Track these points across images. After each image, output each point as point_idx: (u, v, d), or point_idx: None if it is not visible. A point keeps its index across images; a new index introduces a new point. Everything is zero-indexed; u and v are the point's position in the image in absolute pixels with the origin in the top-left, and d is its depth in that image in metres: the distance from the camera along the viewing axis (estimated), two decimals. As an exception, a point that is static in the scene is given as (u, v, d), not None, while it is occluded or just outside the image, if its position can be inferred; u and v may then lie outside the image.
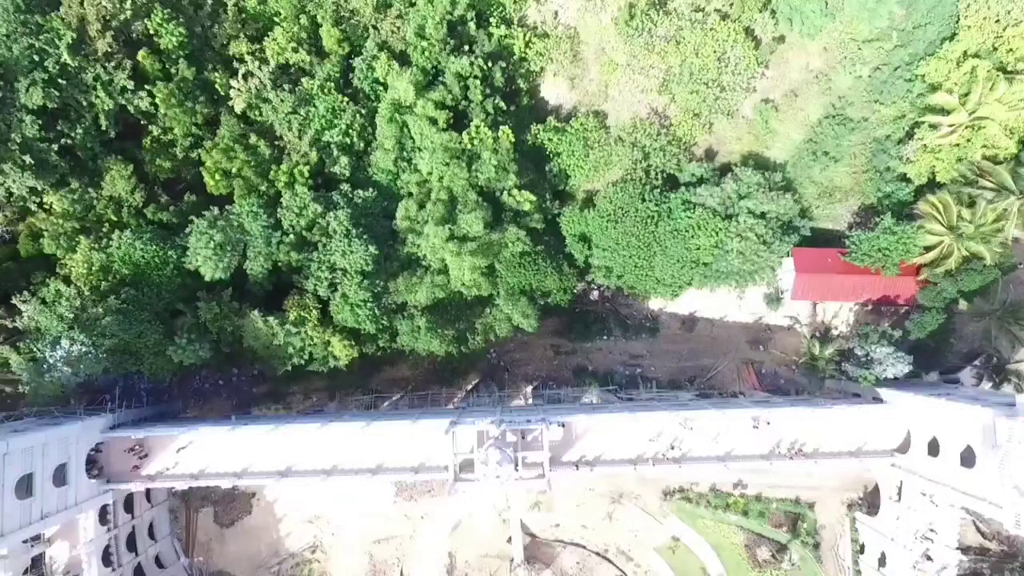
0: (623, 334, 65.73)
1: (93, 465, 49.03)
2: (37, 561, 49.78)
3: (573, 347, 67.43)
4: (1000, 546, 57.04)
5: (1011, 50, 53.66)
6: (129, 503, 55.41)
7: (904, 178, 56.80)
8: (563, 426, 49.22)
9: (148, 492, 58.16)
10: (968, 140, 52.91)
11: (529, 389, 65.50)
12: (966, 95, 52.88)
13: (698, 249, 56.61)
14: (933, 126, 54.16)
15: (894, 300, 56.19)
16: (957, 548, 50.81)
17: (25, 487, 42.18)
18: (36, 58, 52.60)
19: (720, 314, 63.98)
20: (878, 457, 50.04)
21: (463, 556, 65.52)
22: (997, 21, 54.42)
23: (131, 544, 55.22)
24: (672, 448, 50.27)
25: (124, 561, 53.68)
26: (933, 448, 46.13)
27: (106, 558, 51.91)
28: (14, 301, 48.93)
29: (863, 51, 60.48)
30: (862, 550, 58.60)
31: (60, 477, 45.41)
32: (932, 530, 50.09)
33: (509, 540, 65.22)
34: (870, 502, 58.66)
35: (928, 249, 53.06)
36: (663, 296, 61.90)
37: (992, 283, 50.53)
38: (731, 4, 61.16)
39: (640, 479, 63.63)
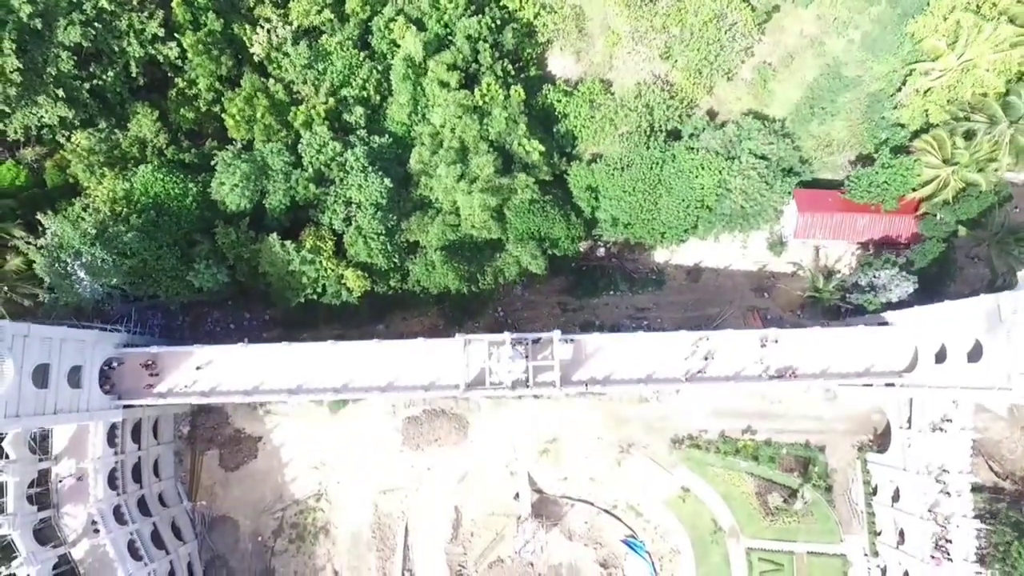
0: (629, 288, 66.67)
1: (106, 381, 49.20)
2: (44, 478, 49.35)
3: (580, 304, 68.06)
4: (1014, 485, 56.51)
5: (994, 4, 56.88)
6: (136, 433, 55.25)
7: (899, 125, 59.13)
8: (572, 341, 49.78)
9: (155, 427, 58.07)
10: (958, 82, 55.54)
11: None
12: (954, 42, 55.85)
13: (702, 188, 58.47)
14: (924, 73, 56.90)
15: (895, 239, 57.59)
16: (969, 472, 50.52)
17: (42, 378, 42.46)
18: (75, 0, 55.70)
19: (724, 263, 65.17)
20: (886, 377, 50.26)
21: (469, 513, 64.44)
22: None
23: (136, 475, 54.71)
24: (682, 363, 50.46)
25: (129, 489, 53.08)
26: (940, 357, 46.61)
27: (111, 481, 51.47)
28: (38, 217, 50.23)
29: (854, 16, 63.91)
30: (875, 492, 57.93)
31: (75, 380, 45.72)
32: (943, 462, 49.92)
33: (516, 496, 64.25)
34: (880, 444, 58.37)
35: (925, 184, 54.84)
36: (670, 242, 63.28)
37: (989, 208, 52.12)
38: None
39: (648, 427, 63.53)
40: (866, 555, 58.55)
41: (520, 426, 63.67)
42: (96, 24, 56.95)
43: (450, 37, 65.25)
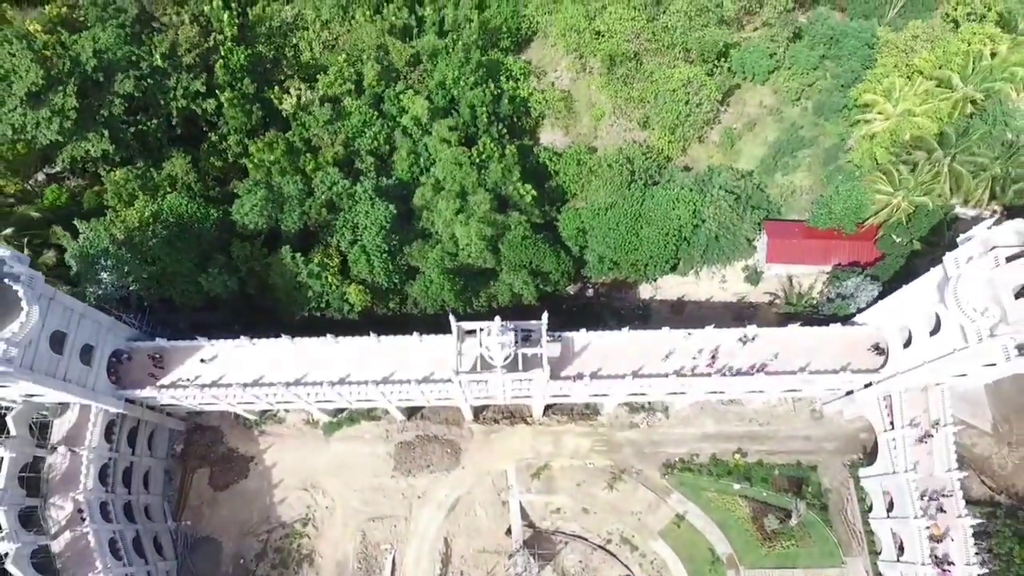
0: (617, 322, 69.74)
1: (113, 372, 51.28)
2: (37, 467, 49.80)
3: (571, 339, 70.85)
4: (1010, 499, 55.99)
5: (920, 72, 66.49)
6: (132, 438, 56.00)
7: (852, 164, 66.25)
8: (559, 339, 52.56)
9: (151, 440, 58.73)
10: (898, 127, 63.35)
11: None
12: (889, 98, 64.59)
13: (679, 219, 64.06)
14: (868, 122, 65.11)
15: (859, 261, 62.01)
16: (957, 468, 50.87)
17: (58, 345, 45.02)
18: (134, 59, 65.20)
19: (706, 296, 69.05)
20: (863, 375, 52.32)
21: (459, 547, 62.79)
22: (904, 52, 68.25)
23: (126, 480, 54.69)
24: (666, 361, 52.72)
25: (118, 490, 52.96)
26: (907, 342, 49.23)
27: (103, 477, 51.63)
28: (75, 223, 55.34)
29: (805, 88, 73.90)
30: (870, 509, 57.14)
31: (86, 358, 48.05)
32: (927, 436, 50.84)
33: (508, 532, 62.93)
34: (871, 460, 58.48)
35: (881, 210, 60.60)
36: (653, 274, 67.70)
37: (939, 224, 57.24)
38: (691, 59, 75.80)
39: (640, 453, 63.84)
40: (869, 577, 56.38)
41: (512, 453, 63.84)
42: (149, 80, 66.02)
43: (454, 106, 74.62)
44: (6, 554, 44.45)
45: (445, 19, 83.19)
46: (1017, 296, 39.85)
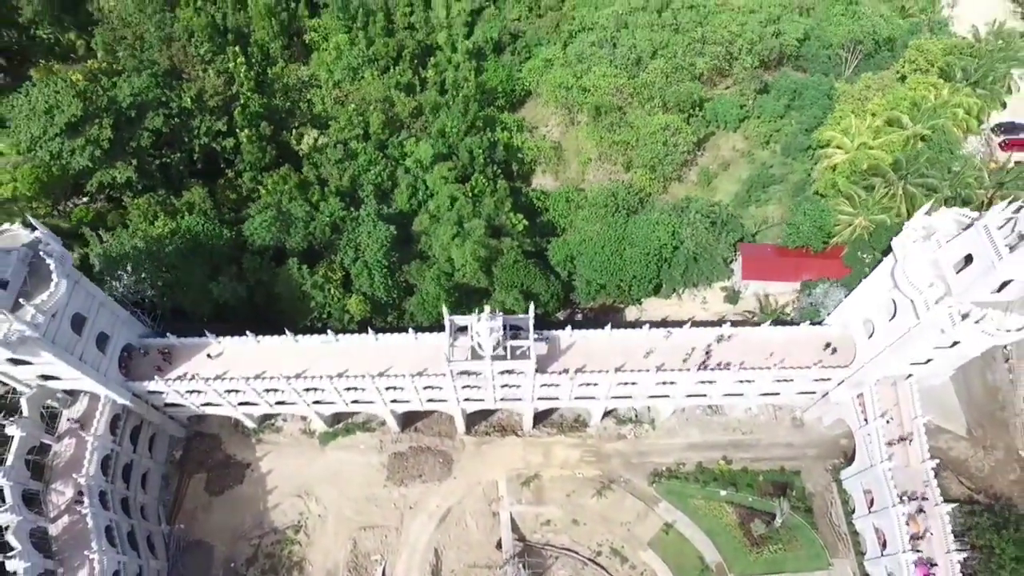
0: (606, 346, 73.18)
1: (123, 365, 54.27)
2: (43, 452, 51.75)
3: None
4: (988, 498, 57.17)
5: (873, 114, 73.71)
6: (135, 437, 57.99)
7: (816, 194, 71.94)
8: (546, 339, 55.93)
9: (151, 443, 60.60)
10: (855, 159, 69.57)
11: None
12: (847, 135, 71.41)
13: (659, 240, 68.90)
14: (829, 156, 71.53)
15: (828, 276, 66.09)
16: (931, 458, 52.80)
17: (78, 327, 48.46)
18: (164, 100, 72.48)
19: (688, 317, 72.24)
20: (834, 372, 55.26)
21: (449, 561, 62.91)
22: (859, 100, 75.87)
23: (125, 477, 56.18)
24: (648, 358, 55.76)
25: (117, 484, 54.45)
26: (872, 334, 52.60)
27: (104, 467, 53.32)
28: (99, 232, 60.09)
29: (772, 133, 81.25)
30: (853, 511, 58.14)
31: (101, 345, 51.24)
32: (904, 439, 52.89)
33: (498, 545, 63.38)
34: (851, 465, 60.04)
35: (844, 229, 65.65)
36: (638, 295, 71.69)
37: (898, 238, 62.01)
38: (669, 109, 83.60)
39: (627, 463, 65.31)
40: (857, 579, 56.53)
41: (503, 464, 65.24)
42: (176, 118, 73.01)
43: (453, 152, 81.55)
44: (7, 527, 45.66)
45: (446, 80, 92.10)
46: (958, 272, 43.77)
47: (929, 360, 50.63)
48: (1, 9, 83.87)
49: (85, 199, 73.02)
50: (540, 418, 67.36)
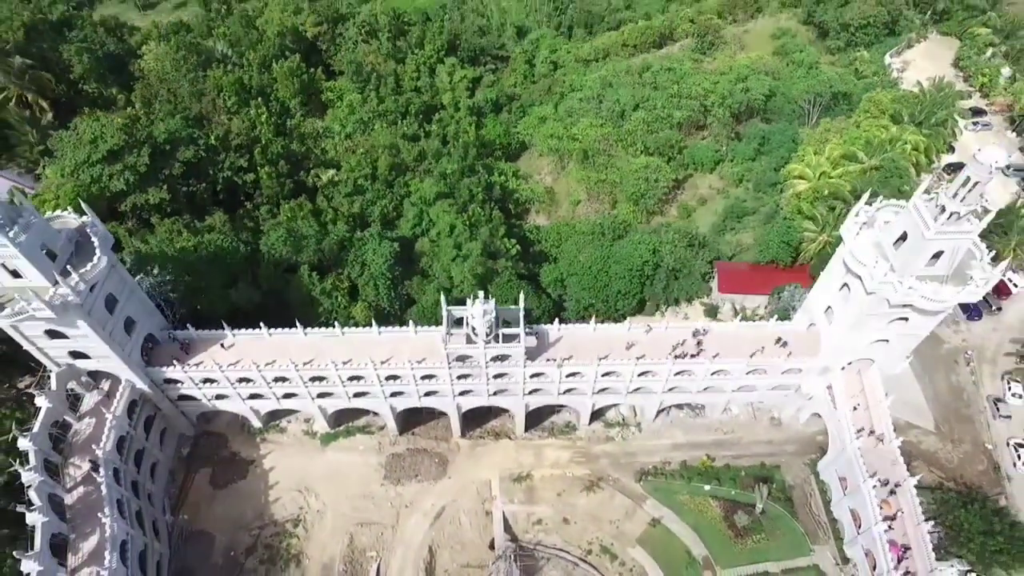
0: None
1: (145, 353, 58.88)
2: (64, 433, 55.38)
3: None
4: (957, 485, 59.77)
5: (832, 151, 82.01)
6: (148, 426, 61.54)
7: (785, 219, 78.74)
8: (536, 334, 60.64)
9: (162, 436, 64.01)
10: (817, 187, 76.90)
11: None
12: (810, 166, 79.28)
13: (641, 257, 74.92)
14: (795, 185, 79.04)
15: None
16: (897, 438, 56.22)
17: (111, 307, 53.64)
18: (194, 137, 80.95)
19: (671, 332, 77.17)
20: (804, 363, 59.66)
21: (443, 560, 64.35)
22: (820, 142, 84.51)
23: (137, 460, 59.31)
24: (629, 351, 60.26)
25: (129, 464, 57.58)
26: (832, 320, 57.46)
27: (119, 448, 56.68)
28: (133, 240, 66.28)
29: (744, 173, 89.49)
30: (831, 501, 60.52)
31: (128, 329, 56.18)
32: (873, 433, 56.64)
33: (491, 546, 65.10)
34: (828, 459, 62.95)
35: (810, 244, 71.93)
36: (624, 308, 76.70)
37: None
38: (651, 153, 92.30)
39: (616, 463, 68.01)
40: (837, 564, 58.08)
41: (496, 464, 67.93)
42: (204, 153, 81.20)
43: (454, 191, 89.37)
44: (30, 485, 48.74)
45: (448, 133, 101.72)
46: (897, 248, 49.42)
47: (886, 340, 55.20)
48: (56, 67, 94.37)
49: (115, 221, 79.57)
50: (532, 423, 70.53)
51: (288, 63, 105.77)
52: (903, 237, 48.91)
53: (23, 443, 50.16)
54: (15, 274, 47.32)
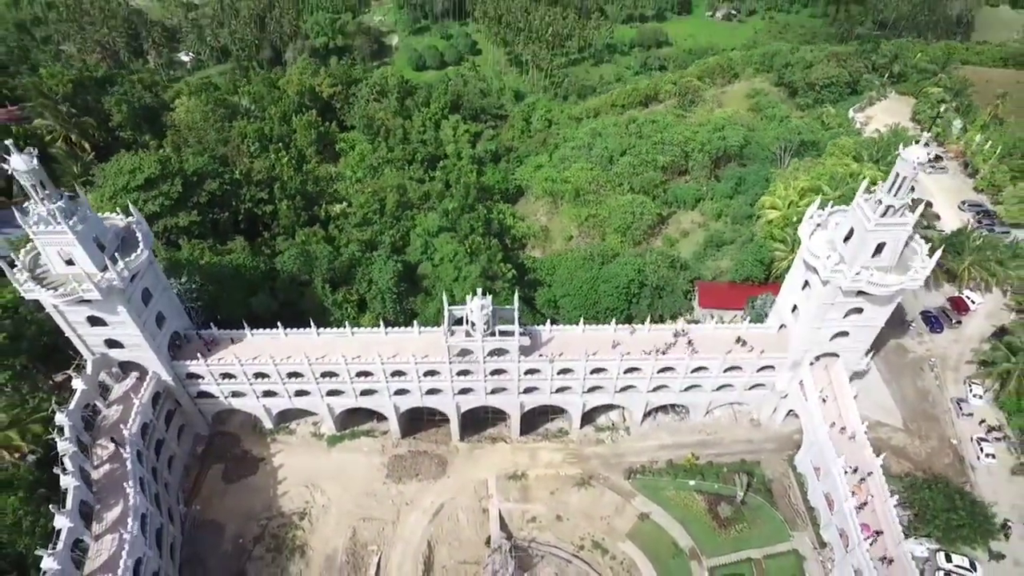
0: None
1: (171, 349, 64.40)
2: (94, 417, 60.13)
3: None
4: (925, 474, 63.67)
5: (798, 189, 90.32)
6: (168, 420, 66.15)
7: (758, 246, 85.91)
8: (528, 334, 66.34)
9: (180, 432, 68.42)
10: (787, 215, 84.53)
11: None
12: (780, 198, 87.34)
13: (627, 277, 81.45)
14: (767, 214, 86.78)
15: (771, 299, 77.54)
16: (864, 423, 60.86)
17: (146, 300, 59.70)
18: (220, 171, 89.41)
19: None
20: (776, 360, 65.06)
21: (441, 556, 67.16)
22: (790, 178, 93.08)
23: (157, 449, 63.58)
24: (615, 348, 65.71)
25: (150, 451, 61.89)
26: (798, 317, 63.29)
27: (143, 433, 61.21)
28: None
29: (723, 209, 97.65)
30: (808, 492, 64.30)
31: (159, 322, 62.00)
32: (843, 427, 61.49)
33: (488, 543, 68.15)
34: (804, 454, 67.09)
35: (781, 262, 78.66)
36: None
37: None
38: (636, 192, 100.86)
39: (606, 463, 71.87)
40: (815, 548, 61.13)
41: (493, 465, 71.78)
42: (228, 186, 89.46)
43: (455, 225, 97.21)
44: (64, 454, 53.12)
45: (450, 179, 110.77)
46: (846, 243, 56.07)
47: (846, 334, 60.86)
48: (97, 115, 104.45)
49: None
50: (526, 429, 74.77)
51: (306, 117, 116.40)
52: (851, 233, 55.63)
53: (60, 418, 54.82)
54: (69, 263, 53.62)
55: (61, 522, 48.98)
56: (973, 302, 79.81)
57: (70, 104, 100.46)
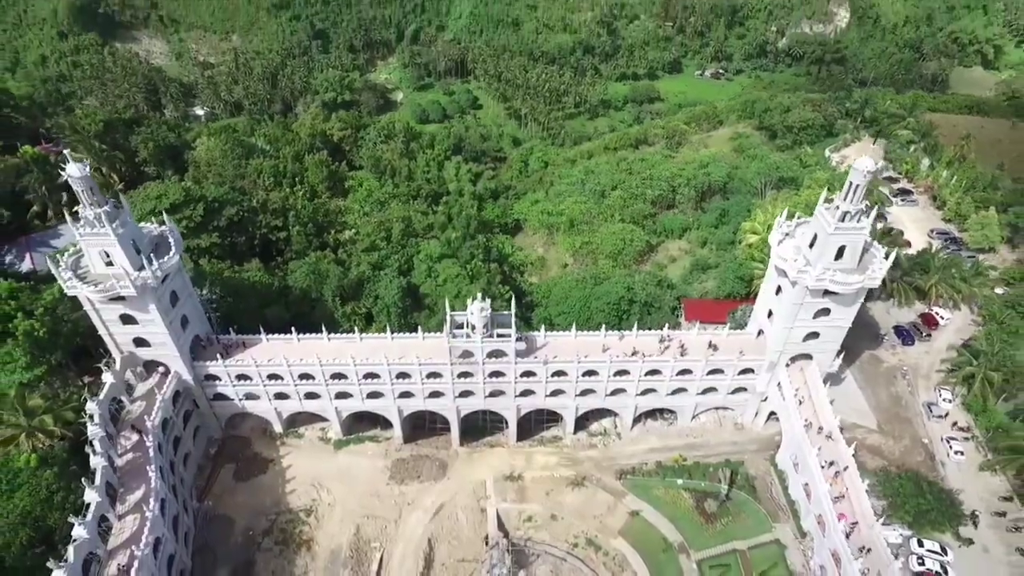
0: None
1: (192, 350, 69.42)
2: (119, 410, 64.59)
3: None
4: (898, 469, 67.49)
5: (776, 216, 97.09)
6: (186, 420, 70.47)
7: (739, 267, 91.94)
8: (524, 339, 71.49)
9: (195, 433, 72.58)
10: (765, 238, 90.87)
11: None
12: (759, 224, 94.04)
13: (618, 295, 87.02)
14: (748, 238, 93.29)
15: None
16: (837, 418, 65.24)
17: (173, 302, 65.18)
18: (238, 199, 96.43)
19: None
20: (754, 362, 69.96)
21: (441, 554, 70.18)
22: (768, 208, 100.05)
23: (175, 445, 67.69)
24: (605, 352, 70.69)
25: (169, 444, 66.02)
26: (772, 321, 68.56)
27: (163, 427, 65.52)
28: (186, 269, 78.84)
29: (708, 236, 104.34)
30: (788, 487, 68.01)
31: (184, 325, 67.26)
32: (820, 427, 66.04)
33: (485, 540, 71.35)
34: (785, 454, 71.02)
35: (759, 280, 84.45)
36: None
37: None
38: (627, 222, 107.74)
39: (598, 465, 75.62)
40: (796, 537, 64.33)
41: (491, 468, 75.47)
42: (245, 213, 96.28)
43: (457, 253, 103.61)
44: (94, 437, 57.37)
45: (452, 213, 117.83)
46: (811, 248, 62.01)
47: (816, 335, 66.02)
48: (125, 152, 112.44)
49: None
50: (522, 436, 78.70)
51: (318, 156, 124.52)
52: (815, 239, 61.67)
53: (90, 406, 59.34)
54: (109, 264, 59.36)
55: (90, 496, 52.94)
56: (942, 318, 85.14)
57: (101, 141, 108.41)
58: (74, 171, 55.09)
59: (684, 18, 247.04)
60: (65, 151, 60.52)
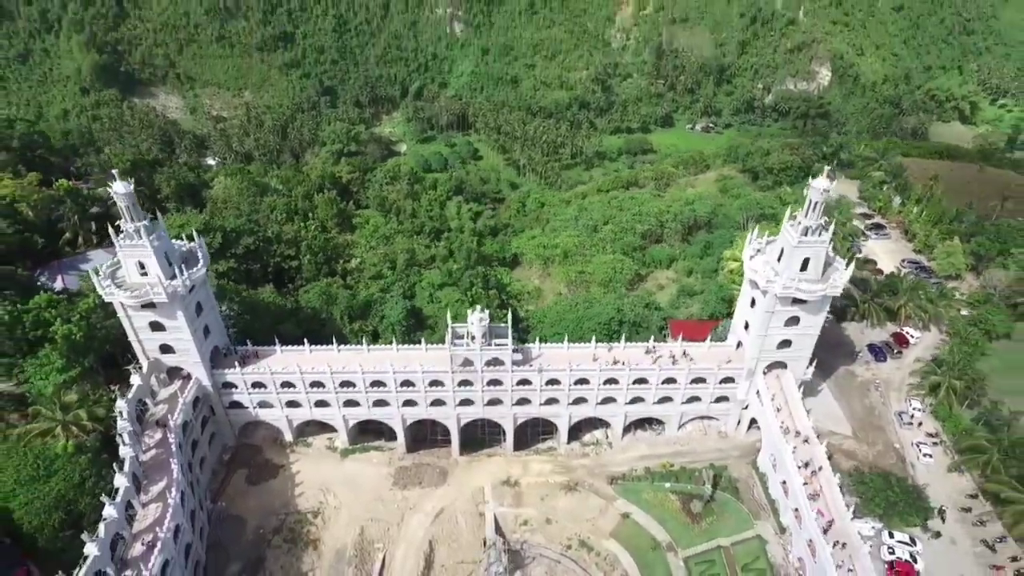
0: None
1: (212, 359, 74.89)
2: (143, 412, 69.60)
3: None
4: (872, 470, 71.88)
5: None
6: (203, 425, 75.26)
7: (722, 288, 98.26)
8: (519, 351, 77.13)
9: (211, 439, 77.19)
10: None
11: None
12: (740, 251, 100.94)
13: (608, 316, 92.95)
14: (730, 264, 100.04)
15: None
16: (811, 421, 70.17)
17: (198, 311, 71.07)
18: (254, 229, 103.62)
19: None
20: (734, 371, 75.40)
21: (441, 555, 73.79)
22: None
23: (192, 447, 72.29)
24: (595, 362, 76.14)
25: (187, 445, 70.64)
26: (748, 331, 74.32)
27: (183, 429, 70.35)
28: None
29: (693, 266, 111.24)
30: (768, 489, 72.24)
31: (205, 334, 73.00)
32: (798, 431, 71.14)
33: (484, 543, 75.07)
34: (766, 458, 75.49)
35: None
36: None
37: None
38: (615, 251, 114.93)
39: (590, 472, 79.83)
40: (776, 533, 68.11)
41: (489, 475, 79.63)
42: (260, 243, 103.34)
43: (457, 282, 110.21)
44: (122, 431, 62.21)
45: (453, 248, 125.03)
46: (779, 261, 68.45)
47: (789, 343, 71.71)
48: (150, 189, 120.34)
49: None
50: (519, 447, 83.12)
51: (327, 195, 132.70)
52: (782, 252, 68.23)
53: (120, 404, 64.39)
54: (143, 274, 65.62)
55: (120, 481, 57.54)
56: (913, 337, 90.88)
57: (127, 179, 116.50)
58: (120, 188, 61.99)
59: (675, 76, 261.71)
60: (113, 171, 67.44)
